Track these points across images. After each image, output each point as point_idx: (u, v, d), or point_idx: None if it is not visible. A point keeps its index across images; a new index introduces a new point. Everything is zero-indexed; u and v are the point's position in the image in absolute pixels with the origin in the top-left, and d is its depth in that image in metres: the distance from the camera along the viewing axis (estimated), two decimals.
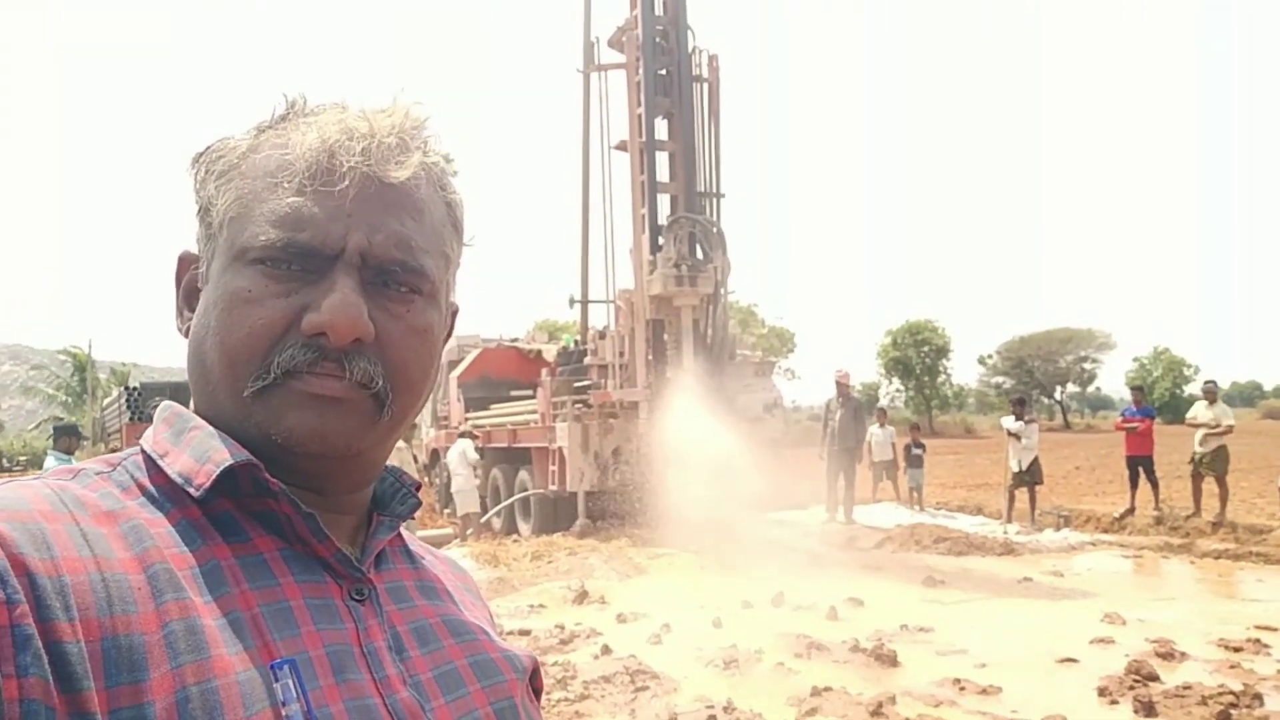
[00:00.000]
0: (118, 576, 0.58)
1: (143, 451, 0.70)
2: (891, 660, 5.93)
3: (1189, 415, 12.45)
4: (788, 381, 46.93)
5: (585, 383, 13.28)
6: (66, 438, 8.83)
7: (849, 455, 13.36)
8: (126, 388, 26.96)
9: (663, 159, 12.84)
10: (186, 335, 0.73)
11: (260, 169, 0.71)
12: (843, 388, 13.69)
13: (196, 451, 0.67)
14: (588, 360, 13.59)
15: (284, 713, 0.59)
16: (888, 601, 7.85)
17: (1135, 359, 60.96)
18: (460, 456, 12.72)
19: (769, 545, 11.13)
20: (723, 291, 12.06)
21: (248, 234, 0.69)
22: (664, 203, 12.71)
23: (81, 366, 41.95)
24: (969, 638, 6.55)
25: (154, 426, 0.72)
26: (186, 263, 0.77)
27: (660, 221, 12.31)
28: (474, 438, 13.42)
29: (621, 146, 13.24)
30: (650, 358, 11.84)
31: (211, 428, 0.69)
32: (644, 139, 12.50)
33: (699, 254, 12.15)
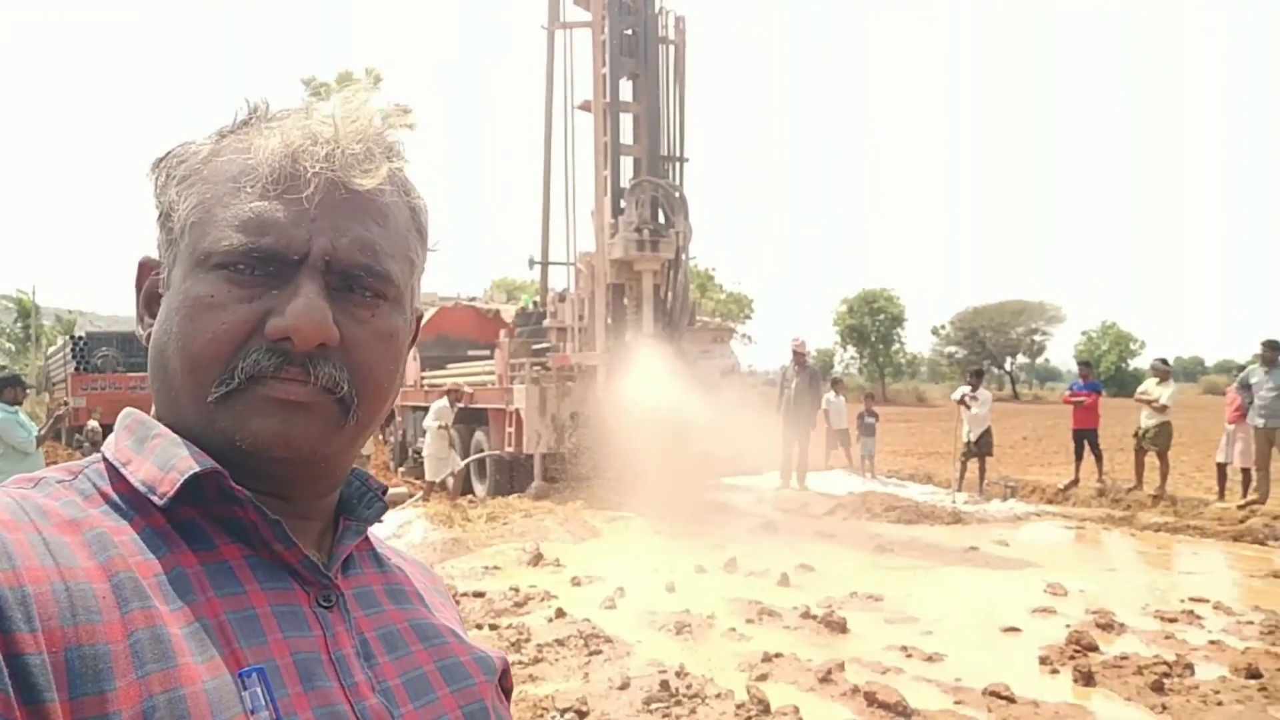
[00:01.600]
0: (81, 586, 0.57)
1: (105, 459, 0.69)
2: (841, 627, 6.04)
3: (1139, 390, 12.74)
4: (745, 347, 47.18)
5: (544, 345, 13.23)
6: (10, 388, 8.56)
7: (804, 422, 13.49)
8: (72, 336, 26.31)
9: (626, 121, 12.69)
10: (148, 341, 0.73)
11: (223, 174, 0.70)
12: (799, 356, 13.79)
13: (160, 459, 0.67)
14: (547, 323, 13.54)
15: None
16: (838, 568, 7.99)
17: (1083, 332, 62.38)
18: (434, 415, 12.47)
19: (723, 511, 11.27)
20: (684, 257, 12.04)
21: (210, 239, 0.68)
22: (627, 165, 12.58)
23: (26, 313, 40.87)
24: (917, 606, 6.70)
25: (115, 434, 0.72)
26: (147, 269, 0.76)
27: (623, 184, 12.20)
28: (456, 398, 12.76)
29: (585, 107, 13.07)
30: (610, 322, 11.82)
31: (175, 435, 0.68)
32: (608, 100, 12.34)
33: (661, 219, 12.09)
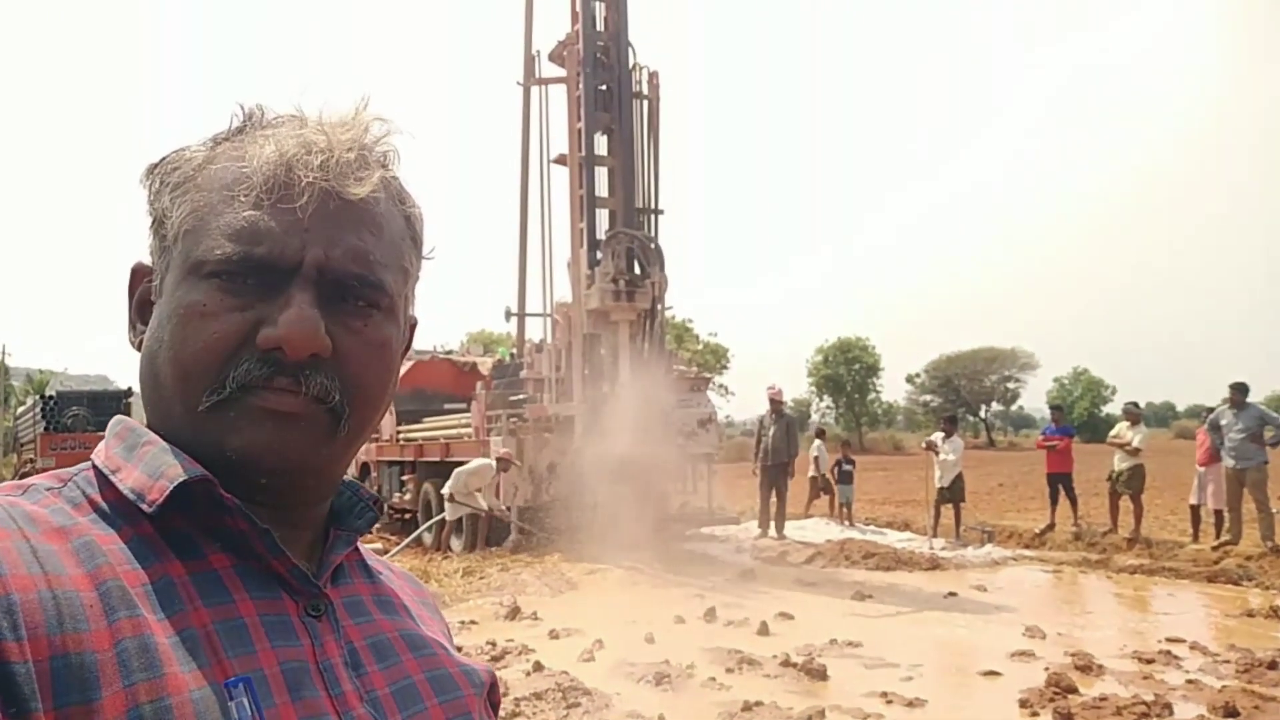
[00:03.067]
0: (68, 594, 0.57)
1: (94, 467, 0.69)
2: (821, 674, 6.01)
3: (1112, 434, 12.89)
4: (721, 398, 47.30)
5: (520, 396, 13.21)
6: None
7: (781, 471, 13.50)
8: (42, 396, 25.93)
9: (602, 174, 12.87)
10: (139, 349, 0.72)
11: (216, 182, 0.70)
12: (775, 404, 13.84)
13: (149, 467, 0.66)
14: (523, 374, 13.53)
15: None
16: (818, 616, 7.95)
17: (1055, 379, 63.08)
18: (477, 475, 11.76)
19: (701, 560, 11.21)
20: (660, 307, 12.13)
21: (203, 247, 0.68)
22: (603, 217, 12.73)
23: None
24: (896, 651, 6.67)
25: (105, 441, 0.71)
26: (140, 275, 0.76)
27: (599, 236, 12.34)
28: (505, 467, 11.80)
29: (561, 160, 13.26)
30: (586, 372, 11.84)
31: (165, 443, 0.68)
32: (584, 153, 12.54)
33: (637, 269, 12.20)
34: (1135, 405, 13.01)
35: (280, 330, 0.66)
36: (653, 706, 5.35)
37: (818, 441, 16.14)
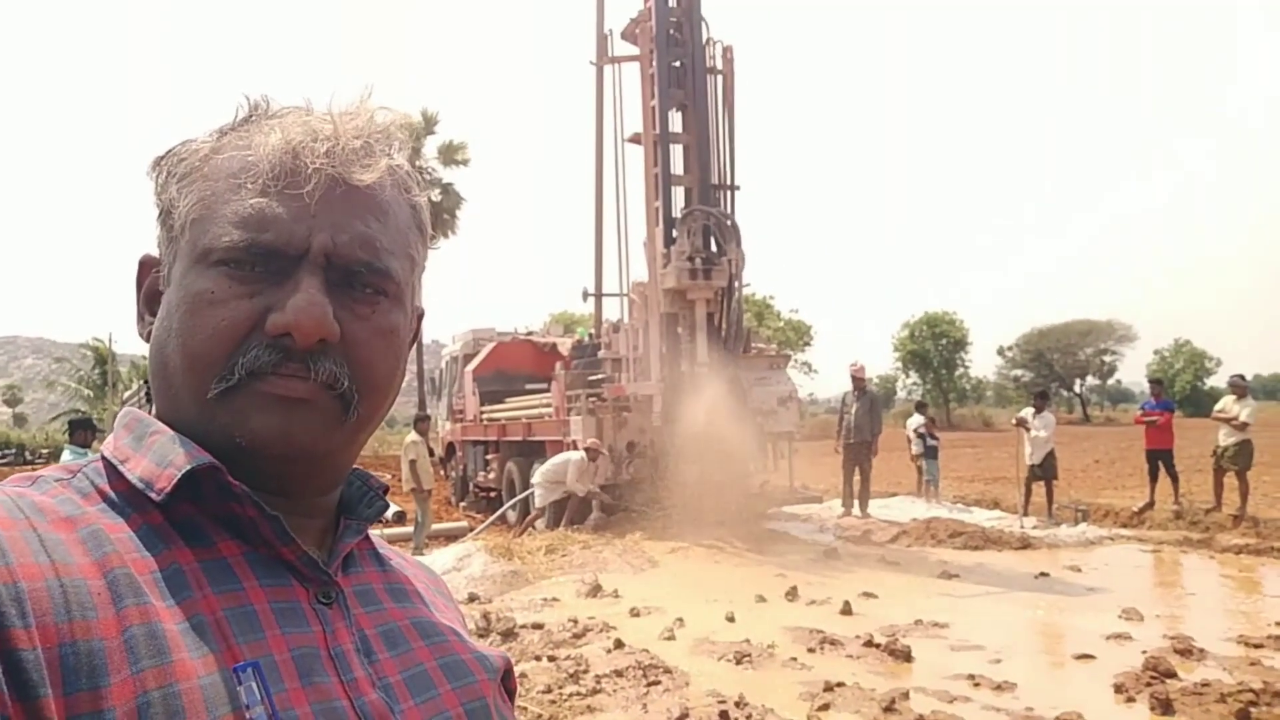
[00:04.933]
0: (76, 582, 0.57)
1: (103, 458, 0.69)
2: (905, 655, 5.90)
3: (1217, 408, 12.33)
4: (805, 376, 46.77)
5: (599, 376, 13.28)
6: (83, 431, 8.88)
7: (865, 448, 13.28)
8: (145, 381, 27.10)
9: (677, 151, 12.77)
10: (148, 339, 0.73)
11: (223, 170, 0.70)
12: (858, 381, 13.62)
13: (157, 456, 0.67)
14: (602, 354, 13.59)
15: (248, 716, 0.58)
16: (902, 596, 7.81)
17: (1156, 351, 60.63)
18: (575, 475, 11.59)
19: (783, 539, 11.12)
20: (737, 285, 12.00)
21: (210, 235, 0.68)
22: (678, 195, 12.64)
23: (103, 359, 42.22)
24: (984, 633, 6.50)
25: (114, 433, 0.72)
26: (147, 266, 0.76)
27: (674, 214, 12.25)
28: (594, 457, 11.77)
29: (635, 139, 13.19)
30: (664, 351, 11.82)
31: (173, 432, 0.68)
32: (658, 131, 12.44)
33: (713, 247, 12.09)
34: (1241, 378, 12.39)
35: (289, 316, 0.66)
36: (733, 685, 5.33)
37: (915, 417, 15.69)
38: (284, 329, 0.66)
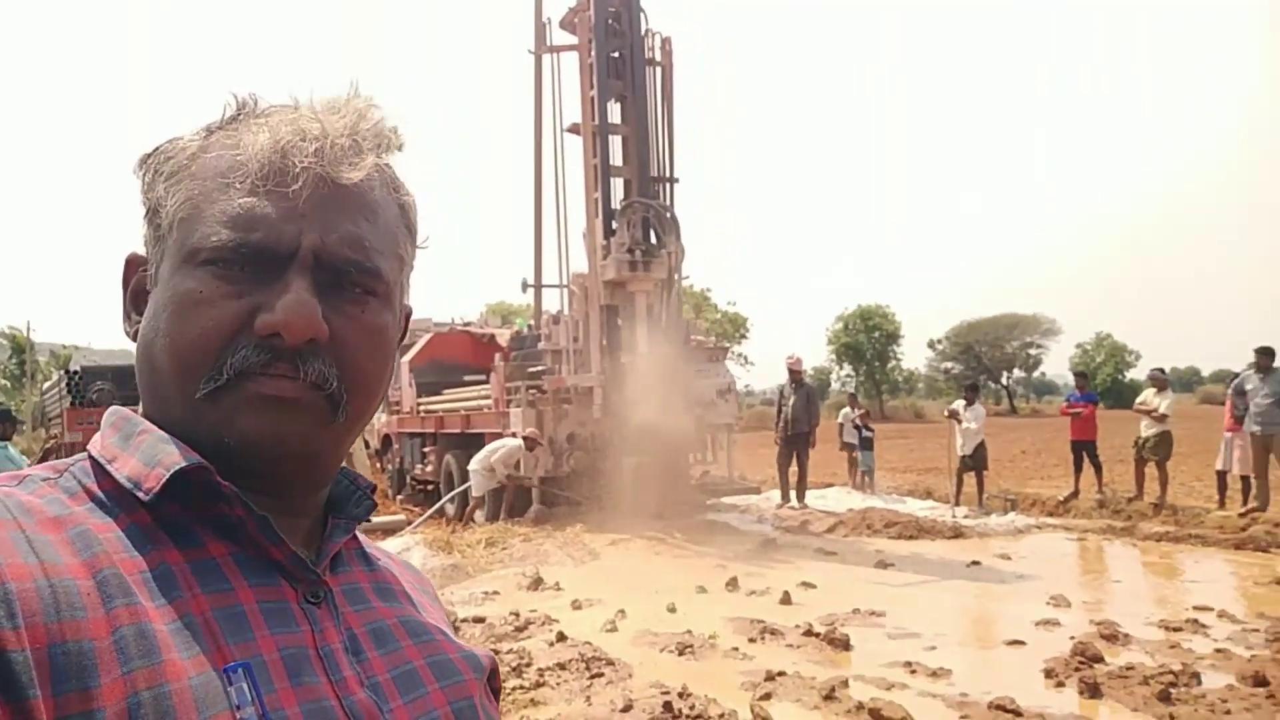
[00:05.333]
0: (65, 582, 0.57)
1: (90, 457, 0.69)
2: (844, 644, 5.99)
3: (1139, 400, 12.76)
4: (741, 367, 47.19)
5: (539, 368, 13.20)
6: (1, 424, 8.53)
7: (802, 440, 13.46)
8: (67, 371, 26.16)
9: (615, 142, 12.74)
10: (134, 339, 0.72)
11: (211, 170, 0.70)
12: (795, 374, 13.76)
13: (145, 455, 0.66)
14: (541, 345, 13.51)
15: (238, 716, 0.58)
16: (840, 585, 7.94)
17: (1078, 345, 62.47)
18: (502, 462, 11.60)
19: (723, 530, 11.21)
20: (676, 277, 12.05)
21: (198, 235, 0.68)
22: (617, 187, 12.62)
23: (20, 349, 40.68)
24: (919, 621, 6.65)
25: (101, 431, 0.71)
26: (134, 265, 0.76)
27: (613, 206, 12.24)
28: (531, 447, 11.69)
29: (574, 129, 13.13)
30: (605, 343, 11.81)
31: (161, 431, 0.68)
32: (596, 122, 12.41)
33: (652, 239, 12.11)
34: (1161, 371, 12.86)
35: (278, 316, 0.66)
36: (676, 676, 5.35)
37: (845, 410, 16.03)
38: (273, 329, 0.66)
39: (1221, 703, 4.72)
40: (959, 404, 13.31)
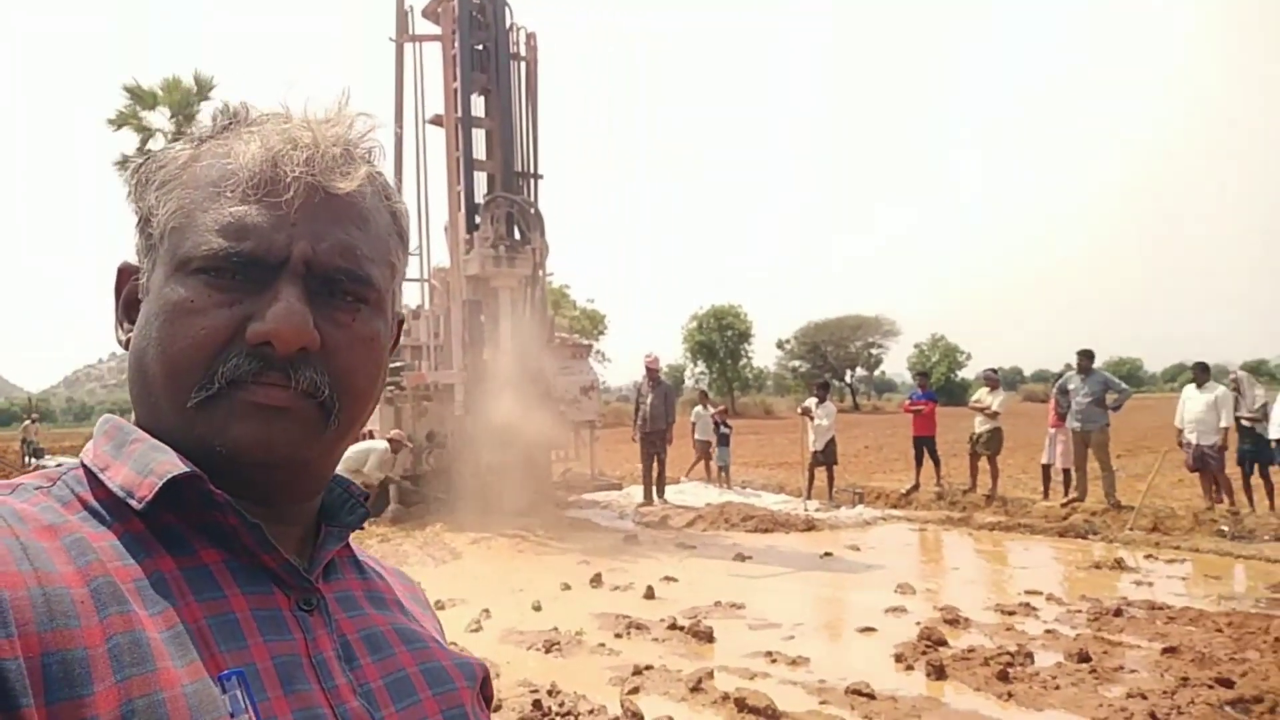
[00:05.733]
0: (59, 590, 0.57)
1: (83, 465, 0.69)
2: (708, 636, 6.15)
3: (973, 399, 13.58)
4: (599, 364, 47.38)
5: (398, 364, 12.90)
6: None
7: (660, 437, 13.65)
8: None
9: (479, 136, 12.60)
10: (126, 347, 0.73)
11: (202, 178, 0.70)
12: (652, 372, 13.90)
13: (138, 464, 0.66)
14: (401, 341, 13.19)
15: None
16: (701, 579, 8.12)
17: (916, 345, 65.79)
18: (376, 466, 10.97)
19: (585, 527, 11.27)
20: (541, 273, 12.02)
21: (190, 243, 0.68)
22: (480, 181, 12.48)
23: None
24: (778, 611, 6.89)
25: (94, 440, 0.71)
26: (126, 274, 0.76)
27: (476, 200, 12.09)
28: (398, 449, 11.29)
29: (437, 121, 12.90)
30: (467, 339, 11.65)
31: (154, 440, 0.68)
32: (460, 114, 12.23)
33: (516, 234, 12.03)
34: (994, 371, 13.75)
35: (269, 325, 0.66)
36: (543, 674, 5.36)
37: (697, 409, 16.39)
38: (264, 337, 0.66)
39: (1052, 679, 5.11)
40: (811, 402, 13.82)
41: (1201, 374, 11.22)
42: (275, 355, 0.66)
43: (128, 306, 0.75)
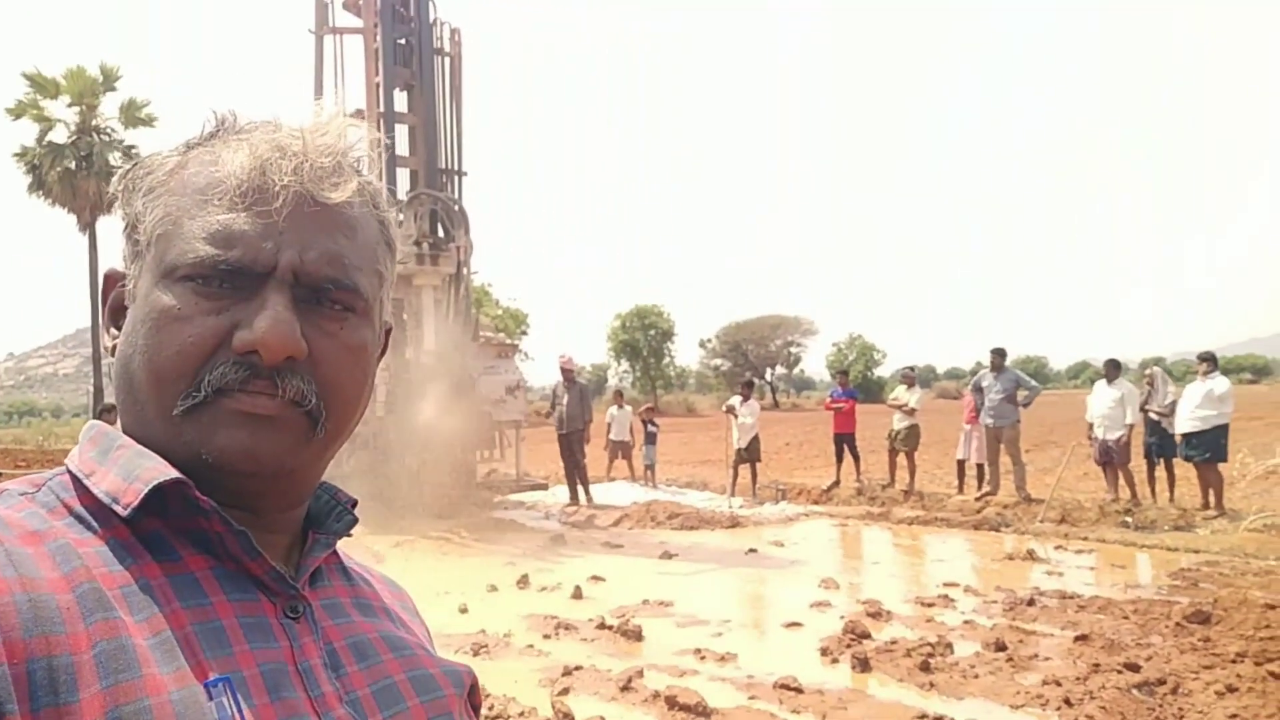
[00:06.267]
0: (44, 597, 0.56)
1: (68, 471, 0.69)
2: (637, 635, 6.17)
3: (891, 396, 13.90)
4: (521, 363, 47.08)
5: None
6: None
7: (578, 437, 13.56)
8: None
9: (402, 132, 12.39)
10: (113, 354, 0.72)
11: (190, 186, 0.70)
12: (567, 373, 13.80)
13: (124, 470, 0.66)
14: None
15: None
16: (628, 577, 8.15)
17: (834, 344, 67.01)
18: None
19: (511, 528, 11.19)
20: (465, 271, 11.89)
21: (177, 251, 0.68)
22: (403, 178, 12.29)
23: None
24: (705, 608, 6.95)
25: (79, 446, 0.71)
26: (113, 280, 0.76)
27: (400, 197, 11.89)
28: None
29: (358, 116, 12.62)
30: None
31: (140, 446, 0.68)
32: (382, 109, 12.02)
33: (440, 232, 11.87)
34: (911, 369, 14.13)
35: (256, 333, 0.66)
36: None
37: (613, 409, 16.35)
38: (251, 346, 0.66)
39: (971, 669, 5.28)
40: (735, 400, 13.97)
41: (1113, 370, 11.69)
42: (262, 364, 0.66)
43: (114, 313, 0.75)
